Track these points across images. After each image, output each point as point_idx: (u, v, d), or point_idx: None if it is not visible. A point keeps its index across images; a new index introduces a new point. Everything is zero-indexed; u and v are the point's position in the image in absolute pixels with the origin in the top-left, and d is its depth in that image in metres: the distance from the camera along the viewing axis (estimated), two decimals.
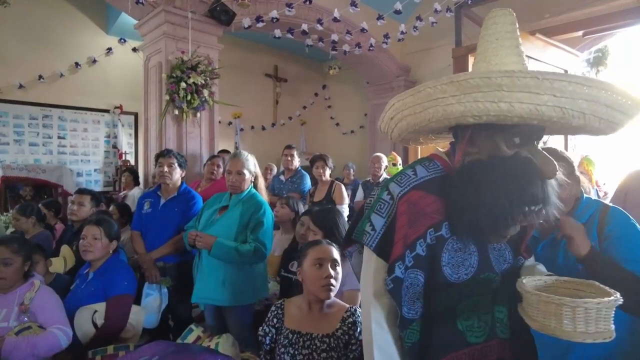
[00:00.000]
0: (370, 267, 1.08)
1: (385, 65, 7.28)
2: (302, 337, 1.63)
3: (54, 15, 5.95)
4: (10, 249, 2.09)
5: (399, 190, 1.08)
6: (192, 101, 4.47)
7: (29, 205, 3.49)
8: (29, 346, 1.89)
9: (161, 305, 2.76)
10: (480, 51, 1.08)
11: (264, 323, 1.75)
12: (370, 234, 1.07)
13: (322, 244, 1.74)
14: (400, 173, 1.13)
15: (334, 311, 1.67)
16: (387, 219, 1.07)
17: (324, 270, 1.63)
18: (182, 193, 2.97)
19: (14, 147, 5.68)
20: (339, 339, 1.59)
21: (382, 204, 1.09)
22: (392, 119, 1.13)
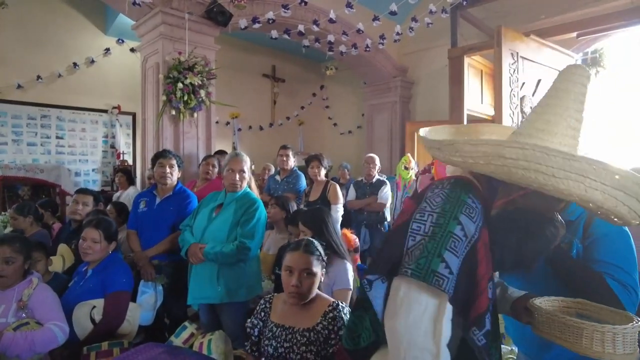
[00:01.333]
0: (439, 316, 0.93)
1: (382, 65, 7.32)
2: (285, 330, 1.67)
3: (53, 16, 5.99)
4: (12, 248, 2.13)
5: (473, 229, 0.97)
6: (189, 101, 4.50)
7: (26, 205, 3.52)
8: (27, 342, 1.92)
9: (156, 302, 2.79)
10: (556, 111, 1.01)
11: (252, 316, 1.80)
12: (447, 277, 0.91)
13: (296, 250, 1.72)
14: (463, 203, 1.00)
15: (316, 306, 1.70)
16: (460, 259, 0.95)
17: (292, 278, 1.66)
18: (177, 192, 3.01)
19: (12, 147, 5.73)
20: (319, 333, 1.63)
21: (457, 242, 0.95)
22: (490, 157, 0.93)
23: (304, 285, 1.65)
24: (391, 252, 1.02)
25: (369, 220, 4.17)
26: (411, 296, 0.95)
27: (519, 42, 4.71)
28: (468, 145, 0.95)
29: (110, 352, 2.04)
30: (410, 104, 7.69)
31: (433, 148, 1.07)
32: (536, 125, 1.01)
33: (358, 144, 8.38)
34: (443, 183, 1.08)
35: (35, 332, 1.97)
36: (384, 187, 4.21)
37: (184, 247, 2.49)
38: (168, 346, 1.75)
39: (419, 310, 0.94)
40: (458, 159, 0.98)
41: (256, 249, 2.48)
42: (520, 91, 4.71)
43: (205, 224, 2.48)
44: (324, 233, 2.33)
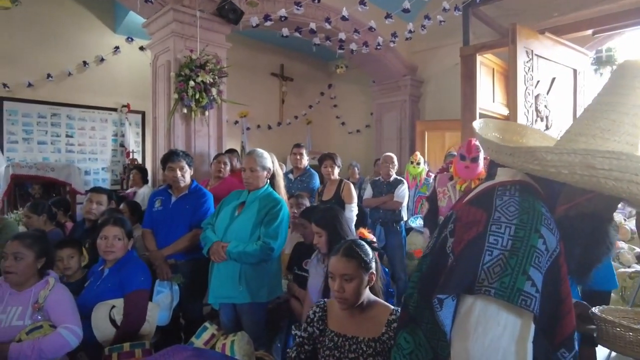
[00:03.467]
0: (525, 337, 0.88)
1: (392, 64, 7.27)
2: (347, 340, 1.61)
3: (63, 14, 5.97)
4: (22, 243, 2.08)
5: (555, 242, 0.92)
6: (200, 100, 4.48)
7: (40, 203, 3.50)
8: (35, 351, 1.87)
9: (172, 302, 2.76)
10: (621, 109, 0.96)
11: (304, 322, 1.73)
12: (534, 296, 0.85)
13: (335, 255, 1.66)
14: (540, 213, 0.95)
15: (377, 313, 1.63)
16: (543, 275, 0.89)
17: (334, 284, 1.61)
18: (193, 191, 2.98)
19: (22, 145, 5.71)
20: (385, 343, 1.56)
21: (540, 256, 0.89)
22: (576, 167, 0.88)
23: (347, 290, 1.58)
24: (466, 269, 0.93)
25: (384, 219, 4.13)
26: (488, 316, 0.88)
27: (534, 40, 4.65)
28: (551, 154, 0.89)
29: (132, 353, 2.01)
30: (420, 102, 7.64)
31: (502, 153, 1.00)
32: (600, 124, 0.95)
33: (366, 143, 8.34)
34: (509, 189, 1.00)
35: (43, 340, 1.92)
36: (401, 185, 4.16)
37: (206, 245, 2.45)
38: (195, 349, 1.72)
39: (497, 332, 0.87)
40: (536, 167, 0.91)
41: (279, 250, 2.44)
42: (535, 89, 4.66)
43: (227, 222, 2.44)
44: (338, 232, 2.28)
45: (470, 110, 5.30)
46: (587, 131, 0.96)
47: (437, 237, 1.15)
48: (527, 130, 1.28)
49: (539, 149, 0.92)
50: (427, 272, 1.12)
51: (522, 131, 1.26)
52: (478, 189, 1.12)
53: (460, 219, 1.04)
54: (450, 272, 0.97)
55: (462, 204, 1.11)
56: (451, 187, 3.08)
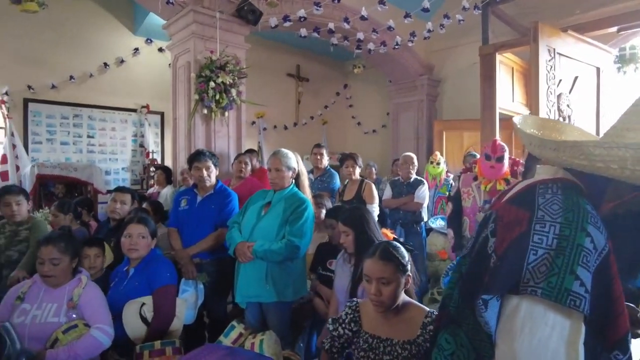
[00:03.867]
0: (576, 338, 0.86)
1: (409, 63, 7.24)
2: (382, 342, 1.60)
3: (84, 17, 6.07)
4: (57, 249, 2.12)
5: (603, 240, 0.90)
6: (220, 100, 4.51)
7: (66, 203, 3.56)
8: (71, 356, 1.92)
9: (197, 301, 2.77)
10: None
11: (336, 323, 1.72)
12: (583, 296, 0.83)
13: (372, 257, 1.64)
14: (585, 211, 0.93)
15: (412, 315, 1.62)
16: (591, 272, 0.87)
17: (370, 287, 1.60)
18: (218, 191, 3.00)
19: (46, 145, 5.82)
20: (421, 346, 1.55)
21: (588, 255, 0.87)
22: (627, 162, 0.86)
23: (383, 294, 1.57)
24: (510, 269, 0.91)
25: (404, 220, 4.11)
26: (535, 316, 0.86)
27: (556, 38, 4.59)
28: (599, 148, 0.87)
29: (162, 351, 2.03)
30: (437, 102, 7.59)
31: (546, 148, 0.99)
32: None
33: (382, 143, 8.31)
34: (550, 187, 0.99)
35: (77, 344, 1.96)
36: (422, 186, 4.13)
37: (232, 245, 2.46)
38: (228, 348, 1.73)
39: (545, 332, 0.85)
40: (583, 162, 0.89)
41: (305, 248, 2.44)
42: (557, 88, 4.59)
43: (254, 222, 2.46)
44: (365, 231, 2.28)
45: (489, 109, 5.24)
46: (636, 126, 0.92)
47: (476, 237, 1.14)
48: (566, 127, 1.24)
49: (586, 143, 0.90)
50: (468, 273, 1.11)
51: (561, 128, 1.23)
52: (517, 188, 1.11)
53: (502, 219, 1.03)
54: (494, 272, 0.96)
55: (502, 203, 1.10)
56: (475, 187, 3.05)
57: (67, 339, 1.97)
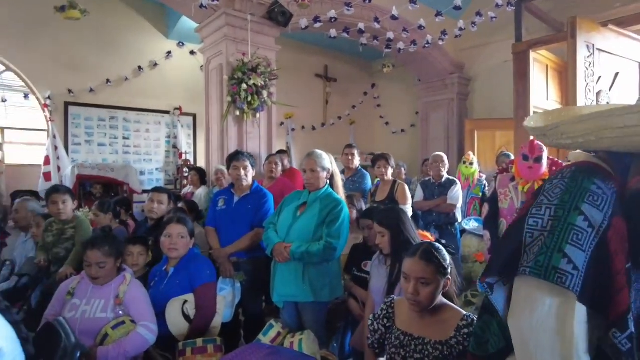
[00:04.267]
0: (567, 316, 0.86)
1: (438, 62, 7.15)
2: (414, 340, 1.60)
3: (120, 23, 6.28)
4: (102, 253, 2.20)
5: (600, 218, 0.89)
6: (252, 102, 4.58)
7: (106, 202, 3.69)
8: (120, 353, 2.00)
9: (234, 299, 2.82)
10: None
11: (373, 319, 1.74)
12: (570, 274, 0.84)
13: (412, 257, 1.63)
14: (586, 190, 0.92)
15: (447, 317, 1.61)
16: (587, 254, 0.87)
17: (408, 286, 1.59)
18: (254, 191, 3.05)
19: (85, 147, 6.07)
20: (453, 348, 1.54)
21: (580, 234, 0.87)
22: (600, 131, 0.88)
23: (421, 294, 1.56)
24: (508, 251, 0.97)
25: (438, 222, 4.04)
26: (533, 296, 0.90)
27: (595, 33, 4.44)
28: (573, 125, 0.89)
29: (204, 348, 2.09)
30: (468, 101, 7.47)
31: (539, 136, 1.02)
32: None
33: (411, 143, 8.24)
34: (563, 172, 1.01)
35: (125, 341, 2.04)
36: (455, 186, 4.06)
37: (269, 246, 2.50)
38: (271, 347, 1.77)
39: (542, 311, 0.87)
40: (567, 142, 0.93)
41: (342, 249, 2.45)
42: (596, 85, 4.44)
43: (290, 222, 2.48)
44: (402, 232, 2.26)
45: (523, 108, 5.12)
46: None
47: None
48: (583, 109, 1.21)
49: (563, 123, 0.93)
50: None
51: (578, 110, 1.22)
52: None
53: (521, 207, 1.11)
54: (494, 255, 1.10)
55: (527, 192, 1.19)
56: (513, 188, 2.98)
57: (116, 334, 2.05)
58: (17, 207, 3.71)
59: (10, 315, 1.60)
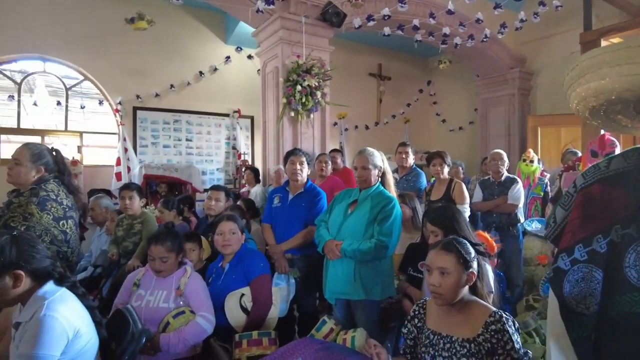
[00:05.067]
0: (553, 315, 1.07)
1: (498, 56, 6.86)
2: (442, 338, 1.59)
3: (182, 31, 6.63)
4: (165, 248, 2.33)
5: (581, 183, 1.09)
6: (306, 103, 4.66)
7: (170, 200, 3.92)
8: (180, 340, 2.12)
9: (289, 295, 2.88)
10: None
11: (406, 321, 1.75)
12: (551, 225, 1.12)
13: (434, 248, 1.65)
14: (592, 165, 1.09)
15: (475, 314, 1.58)
16: (568, 211, 1.10)
17: (430, 277, 1.59)
18: (308, 189, 3.10)
19: (151, 148, 6.48)
20: (481, 345, 1.50)
21: (567, 197, 1.11)
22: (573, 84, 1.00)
23: (442, 285, 1.56)
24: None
25: (499, 223, 3.84)
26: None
27: None
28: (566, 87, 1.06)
29: (259, 341, 2.16)
30: (531, 96, 7.10)
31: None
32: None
33: (470, 141, 7.96)
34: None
35: (185, 330, 2.15)
36: (516, 185, 3.86)
37: (320, 243, 2.53)
38: (324, 342, 1.80)
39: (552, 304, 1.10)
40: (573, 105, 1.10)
41: (393, 248, 2.44)
42: None
43: (341, 219, 2.50)
44: (456, 231, 2.20)
45: None
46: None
47: None
48: None
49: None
50: None
51: None
52: None
53: None
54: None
55: None
56: None
57: (177, 323, 2.18)
58: (92, 204, 4.04)
59: (87, 300, 1.75)
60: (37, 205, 2.23)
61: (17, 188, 2.33)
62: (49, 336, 1.48)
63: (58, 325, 1.50)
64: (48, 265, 1.65)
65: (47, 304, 1.53)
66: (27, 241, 1.64)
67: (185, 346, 2.14)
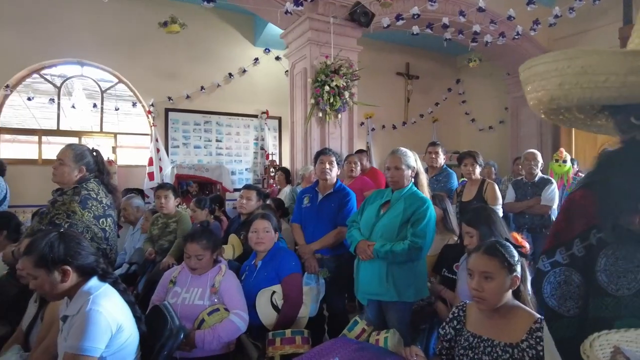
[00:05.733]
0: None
1: (529, 54, 6.66)
2: (483, 342, 1.56)
3: (212, 33, 6.76)
4: (200, 246, 2.39)
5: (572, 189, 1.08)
6: (334, 103, 4.67)
7: (202, 199, 4.00)
8: (215, 337, 2.16)
9: (319, 295, 2.89)
10: None
11: (444, 323, 1.73)
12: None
13: (476, 252, 1.63)
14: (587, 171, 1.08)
15: (519, 319, 1.54)
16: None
17: (472, 282, 1.57)
18: (337, 190, 3.11)
19: (182, 149, 6.65)
20: (524, 351, 1.47)
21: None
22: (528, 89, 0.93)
23: (485, 289, 1.53)
24: None
25: (531, 224, 3.74)
26: None
27: None
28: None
29: (293, 339, 2.18)
30: None
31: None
32: None
33: (500, 141, 7.79)
34: None
35: (219, 327, 2.19)
36: (550, 186, 3.75)
37: (352, 243, 2.53)
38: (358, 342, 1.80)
39: None
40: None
41: (427, 249, 2.41)
42: None
43: (373, 220, 2.49)
44: (492, 232, 2.16)
45: None
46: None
47: None
48: None
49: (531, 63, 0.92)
50: None
51: None
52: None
53: None
54: None
55: None
56: None
57: (212, 320, 2.22)
58: (124, 204, 4.15)
59: (127, 296, 1.82)
60: (79, 204, 2.32)
61: (61, 187, 2.44)
62: (94, 329, 1.54)
63: (102, 319, 1.57)
64: (92, 261, 1.72)
65: (92, 298, 1.60)
66: (73, 238, 1.72)
67: (220, 343, 2.19)
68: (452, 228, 3.05)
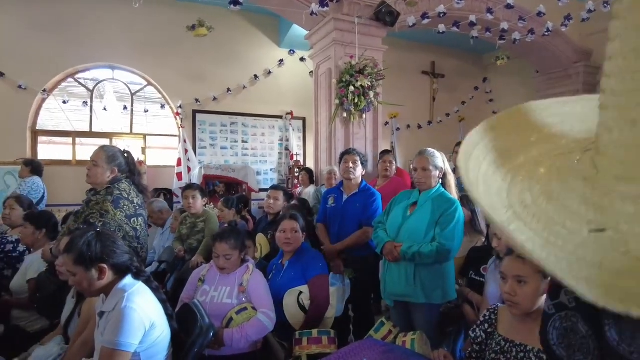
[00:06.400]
0: None
1: (560, 50, 6.50)
2: (515, 347, 1.53)
3: (238, 36, 6.86)
4: (228, 246, 2.42)
5: None
6: (359, 103, 4.66)
7: (230, 199, 4.06)
8: (243, 336, 2.19)
9: (344, 295, 2.90)
10: None
11: (475, 325, 1.72)
12: None
13: (509, 255, 1.59)
14: None
15: None
16: None
17: (504, 285, 1.54)
18: (362, 190, 3.11)
19: (210, 150, 6.77)
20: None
21: None
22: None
23: (519, 294, 1.49)
24: None
25: None
26: None
27: None
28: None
29: (319, 339, 2.19)
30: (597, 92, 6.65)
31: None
32: None
33: None
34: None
35: (247, 326, 2.22)
36: None
37: (379, 245, 2.53)
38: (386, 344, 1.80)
39: None
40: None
41: (456, 251, 2.39)
42: None
43: (400, 221, 2.49)
44: None
45: None
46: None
47: None
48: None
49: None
50: None
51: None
52: None
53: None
54: None
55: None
56: None
57: (240, 319, 2.26)
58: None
59: (159, 294, 1.87)
60: (112, 203, 2.40)
61: (94, 187, 2.53)
62: (129, 326, 1.59)
63: (137, 316, 1.62)
64: (127, 260, 1.78)
65: (127, 296, 1.66)
66: (109, 237, 1.78)
67: (248, 342, 2.22)
68: (481, 229, 3.01)
